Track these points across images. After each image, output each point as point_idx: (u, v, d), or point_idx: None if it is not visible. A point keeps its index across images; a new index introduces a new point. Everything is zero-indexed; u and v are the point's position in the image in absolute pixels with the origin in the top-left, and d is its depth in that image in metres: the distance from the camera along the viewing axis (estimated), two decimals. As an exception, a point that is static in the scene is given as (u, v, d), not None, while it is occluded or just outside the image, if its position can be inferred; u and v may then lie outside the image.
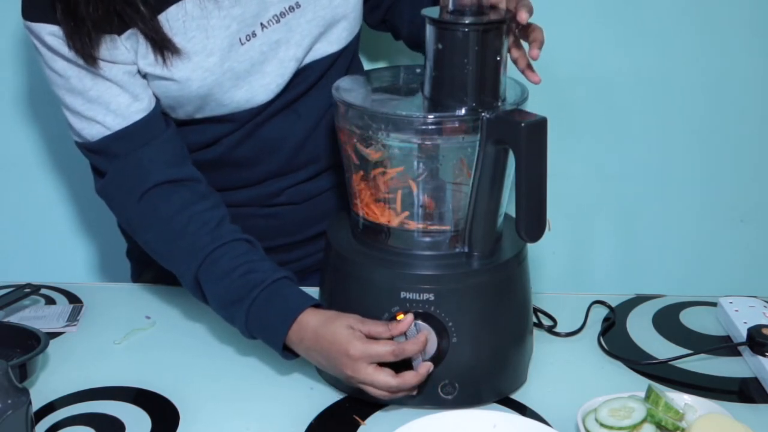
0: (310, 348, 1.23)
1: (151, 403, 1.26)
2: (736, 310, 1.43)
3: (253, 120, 1.38)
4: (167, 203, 1.31)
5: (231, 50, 1.31)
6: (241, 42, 1.32)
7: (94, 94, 1.29)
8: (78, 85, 1.29)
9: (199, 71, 1.30)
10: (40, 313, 1.47)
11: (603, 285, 1.89)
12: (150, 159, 1.31)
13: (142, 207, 1.31)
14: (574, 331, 1.42)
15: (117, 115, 1.30)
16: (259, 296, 1.25)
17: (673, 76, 1.84)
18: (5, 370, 1.05)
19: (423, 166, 1.22)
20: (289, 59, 1.36)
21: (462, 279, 1.22)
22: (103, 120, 1.30)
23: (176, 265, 1.32)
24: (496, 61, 1.20)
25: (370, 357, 1.19)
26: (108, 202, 1.36)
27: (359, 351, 1.18)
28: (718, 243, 1.95)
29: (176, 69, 1.29)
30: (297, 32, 1.35)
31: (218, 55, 1.30)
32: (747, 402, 1.27)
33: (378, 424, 1.22)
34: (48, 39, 1.26)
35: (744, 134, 1.89)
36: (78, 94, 1.29)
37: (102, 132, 1.30)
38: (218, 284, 1.28)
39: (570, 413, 1.19)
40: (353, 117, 1.23)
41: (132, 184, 1.31)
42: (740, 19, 1.82)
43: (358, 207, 1.29)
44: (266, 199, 1.46)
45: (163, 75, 1.30)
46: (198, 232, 1.29)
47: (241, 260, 1.28)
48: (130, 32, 1.27)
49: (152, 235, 1.33)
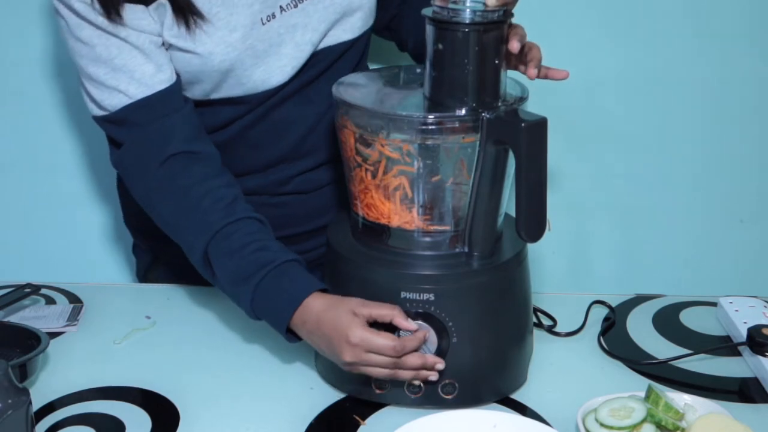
0: (312, 332, 1.23)
1: (151, 403, 1.26)
2: (736, 310, 1.43)
3: (266, 102, 1.40)
4: (186, 173, 1.31)
5: (253, 28, 1.33)
6: (262, 22, 1.34)
7: (120, 62, 1.29)
8: (104, 53, 1.29)
9: (222, 46, 1.32)
10: (40, 313, 1.47)
11: (603, 285, 1.88)
12: (170, 129, 1.32)
13: (160, 175, 1.31)
14: (574, 331, 1.42)
15: (140, 84, 1.30)
16: (268, 276, 1.25)
17: (674, 77, 1.84)
18: (5, 370, 1.05)
19: (423, 166, 1.22)
20: (305, 43, 1.38)
21: (462, 279, 1.22)
22: (126, 89, 1.30)
23: (187, 237, 1.32)
24: (496, 61, 1.20)
25: (369, 346, 1.19)
26: (124, 172, 1.36)
27: (358, 337, 1.18)
28: (718, 243, 1.95)
29: (200, 42, 1.31)
30: (314, 17, 1.37)
31: (241, 31, 1.32)
32: (747, 402, 1.27)
33: (378, 424, 1.22)
34: (76, 5, 1.27)
35: (744, 134, 1.89)
36: (102, 63, 1.30)
37: (123, 101, 1.31)
38: (228, 260, 1.28)
39: (570, 413, 1.19)
40: (353, 117, 1.23)
41: (151, 152, 1.31)
42: (740, 19, 1.82)
43: (358, 207, 1.29)
44: (275, 187, 1.47)
45: (186, 47, 1.31)
46: (213, 207, 1.29)
47: (252, 238, 1.28)
48: (158, 3, 1.29)
49: (167, 206, 1.33)
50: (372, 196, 1.26)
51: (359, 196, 1.28)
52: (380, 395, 1.25)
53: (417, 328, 1.20)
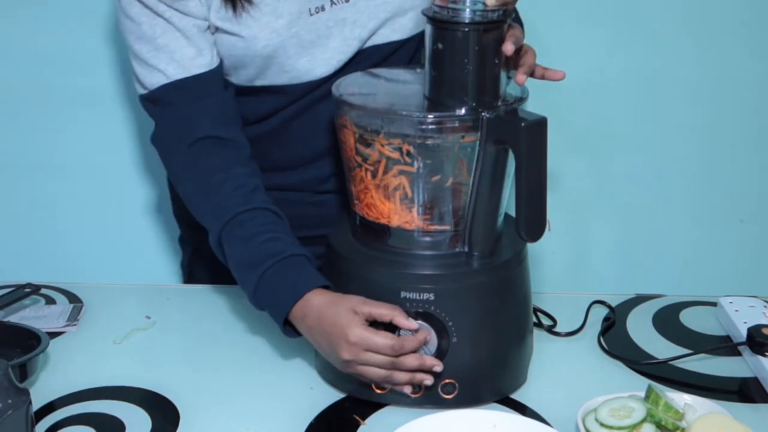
0: (312, 327, 1.23)
1: (151, 403, 1.26)
2: (736, 310, 1.43)
3: (308, 95, 1.41)
4: (209, 157, 1.34)
5: (300, 17, 1.35)
6: (310, 12, 1.36)
7: (162, 42, 1.33)
8: (148, 31, 1.33)
9: (267, 31, 1.34)
10: (41, 313, 1.47)
11: (603, 285, 1.88)
12: (202, 113, 1.35)
13: (185, 157, 1.35)
14: (574, 330, 1.42)
15: (179, 65, 1.34)
16: (275, 266, 1.26)
17: (674, 77, 1.85)
18: (5, 370, 1.05)
19: (423, 166, 1.22)
20: (353, 38, 1.39)
21: (462, 279, 1.22)
22: (165, 68, 1.34)
23: (206, 219, 1.34)
24: (496, 60, 1.20)
25: (368, 345, 1.19)
26: (158, 151, 1.40)
27: (357, 336, 1.18)
28: (718, 243, 1.95)
29: (245, 25, 1.33)
30: (364, 14, 1.38)
31: (287, 18, 1.34)
32: (747, 402, 1.27)
33: (378, 424, 1.22)
34: None
35: (744, 134, 1.89)
36: (147, 41, 1.33)
37: (161, 80, 1.34)
38: (239, 246, 1.29)
39: (570, 413, 1.19)
40: (353, 116, 1.23)
41: (180, 133, 1.35)
42: (740, 20, 1.82)
43: (358, 207, 1.29)
44: (315, 185, 1.48)
45: (231, 30, 1.34)
46: (232, 193, 1.32)
47: (266, 228, 1.30)
48: None
49: (190, 187, 1.36)
50: (372, 196, 1.26)
51: (359, 196, 1.28)
52: (380, 395, 1.25)
53: (418, 327, 1.20)
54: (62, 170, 1.90)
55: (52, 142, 1.89)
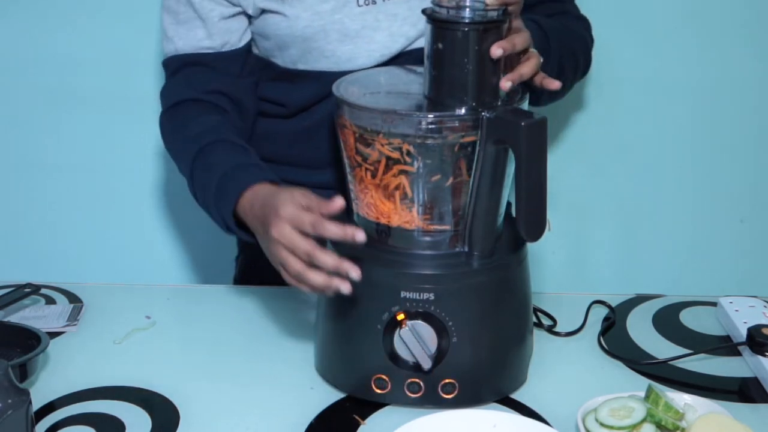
0: (256, 216, 1.24)
1: (151, 403, 1.26)
2: (736, 310, 1.43)
3: None
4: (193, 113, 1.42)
5: (346, 5, 1.39)
6: (357, 3, 1.39)
7: (183, 19, 1.44)
8: (174, 6, 1.44)
9: (309, 12, 1.39)
10: (40, 313, 1.47)
11: (603, 285, 1.88)
12: (198, 81, 1.44)
13: (173, 111, 1.45)
14: (574, 330, 1.42)
15: (187, 43, 1.44)
16: (232, 170, 1.30)
17: (673, 76, 1.85)
18: (5, 370, 1.05)
19: (423, 166, 1.22)
20: (400, 35, 1.41)
21: (462, 279, 1.22)
22: (177, 41, 1.45)
23: (181, 165, 1.40)
24: (496, 60, 1.20)
25: (294, 222, 1.16)
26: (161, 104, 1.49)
27: (288, 212, 1.17)
28: (718, 243, 1.94)
29: (289, 5, 1.39)
30: (416, 12, 1.37)
31: (332, 4, 1.38)
32: (747, 402, 1.27)
33: (378, 424, 1.22)
34: None
35: (744, 134, 1.89)
36: (172, 13, 1.45)
37: (171, 51, 1.46)
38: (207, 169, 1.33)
39: (570, 413, 1.19)
40: (353, 116, 1.23)
41: (171, 94, 1.46)
42: (740, 20, 1.82)
43: (357, 206, 1.29)
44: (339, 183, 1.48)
45: (276, 9, 1.40)
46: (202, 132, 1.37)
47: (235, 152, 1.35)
48: None
49: (170, 140, 1.44)
50: (372, 196, 1.26)
51: (359, 195, 1.28)
52: (380, 395, 1.25)
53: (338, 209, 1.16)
54: (62, 170, 1.90)
55: (52, 142, 1.89)
